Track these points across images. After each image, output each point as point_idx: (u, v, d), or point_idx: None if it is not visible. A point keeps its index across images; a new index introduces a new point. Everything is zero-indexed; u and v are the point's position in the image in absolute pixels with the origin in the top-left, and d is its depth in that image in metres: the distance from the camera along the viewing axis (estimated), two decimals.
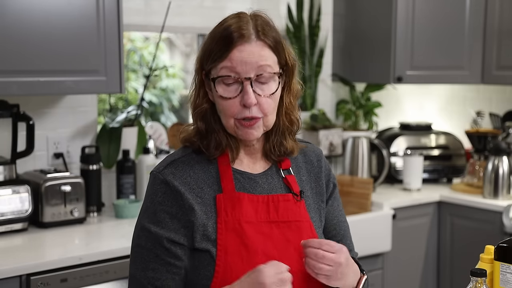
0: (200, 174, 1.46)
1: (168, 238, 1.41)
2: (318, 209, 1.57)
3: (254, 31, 1.41)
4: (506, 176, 3.33)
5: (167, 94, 5.65)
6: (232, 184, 1.45)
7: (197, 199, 1.43)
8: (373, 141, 3.62)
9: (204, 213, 1.43)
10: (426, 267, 3.50)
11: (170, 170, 1.45)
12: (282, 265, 1.35)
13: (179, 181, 1.43)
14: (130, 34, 5.25)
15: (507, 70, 3.50)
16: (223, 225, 1.42)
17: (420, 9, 3.56)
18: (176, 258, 1.42)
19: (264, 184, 1.50)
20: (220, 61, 1.40)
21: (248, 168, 1.50)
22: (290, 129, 1.52)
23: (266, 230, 1.44)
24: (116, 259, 2.41)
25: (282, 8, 3.67)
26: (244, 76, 1.39)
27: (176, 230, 1.41)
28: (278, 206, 1.47)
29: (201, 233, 1.42)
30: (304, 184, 1.55)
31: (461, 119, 4.04)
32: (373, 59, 3.69)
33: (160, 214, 1.42)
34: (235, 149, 1.48)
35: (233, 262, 1.40)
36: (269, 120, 1.45)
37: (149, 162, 3.03)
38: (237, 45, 1.39)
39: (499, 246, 1.52)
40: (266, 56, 1.41)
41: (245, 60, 1.39)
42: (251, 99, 1.39)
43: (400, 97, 4.19)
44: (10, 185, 2.56)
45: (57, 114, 2.93)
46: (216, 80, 1.41)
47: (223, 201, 1.44)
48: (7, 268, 2.20)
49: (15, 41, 2.46)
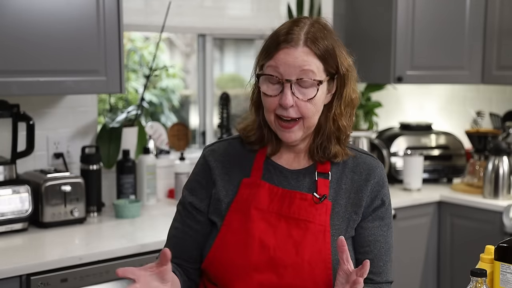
0: (237, 157, 1.59)
1: (192, 203, 1.59)
2: (348, 219, 1.55)
3: (304, 37, 1.47)
4: (506, 176, 3.33)
5: (167, 94, 5.64)
6: (261, 173, 1.56)
7: (224, 176, 1.57)
8: (373, 141, 3.62)
9: (226, 190, 1.56)
10: (426, 267, 3.49)
11: (213, 148, 1.63)
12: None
13: (215, 158, 1.59)
14: (130, 34, 5.24)
15: (507, 70, 3.50)
16: (236, 204, 1.54)
17: (420, 9, 3.56)
18: (195, 222, 1.58)
19: (293, 181, 1.56)
20: (267, 60, 1.49)
21: (286, 163, 1.58)
22: (337, 135, 1.56)
23: (273, 221, 1.51)
24: (116, 259, 2.41)
25: (282, 8, 3.67)
26: (285, 77, 1.46)
27: (201, 199, 1.59)
28: (293, 203, 1.53)
29: (214, 206, 1.56)
30: (342, 191, 1.56)
31: (461, 119, 4.04)
32: (373, 59, 3.69)
33: (193, 183, 1.62)
34: (276, 143, 1.57)
35: (230, 240, 1.51)
36: (309, 122, 1.51)
37: (149, 162, 3.03)
38: (284, 48, 1.47)
39: (499, 246, 1.52)
40: (310, 62, 1.47)
41: (289, 63, 1.46)
42: (288, 101, 1.46)
43: (400, 97, 4.18)
44: (10, 185, 2.56)
45: (57, 114, 2.93)
46: (262, 77, 1.50)
47: (246, 185, 1.55)
48: (7, 268, 2.20)
49: (15, 41, 2.46)
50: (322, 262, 1.49)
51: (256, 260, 1.48)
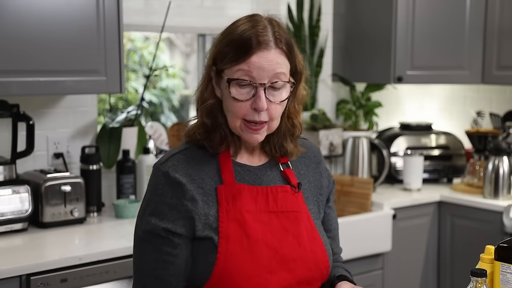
0: (201, 166, 1.50)
1: (165, 228, 1.44)
2: (317, 202, 1.61)
3: (273, 38, 1.45)
4: (507, 176, 3.33)
5: (167, 94, 5.65)
6: (233, 176, 1.50)
7: (198, 189, 1.47)
8: (373, 141, 3.62)
9: (205, 203, 1.46)
10: (426, 267, 3.49)
11: (172, 162, 1.49)
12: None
13: (180, 173, 1.47)
14: (130, 34, 5.25)
15: (507, 70, 3.50)
16: (225, 214, 1.46)
17: (420, 9, 3.56)
18: (173, 247, 1.45)
19: (263, 176, 1.54)
20: (236, 64, 1.43)
21: (248, 161, 1.55)
22: (292, 132, 1.57)
23: (265, 219, 1.49)
24: (116, 259, 2.41)
25: (282, 8, 3.67)
26: (259, 81, 1.43)
27: (174, 221, 1.45)
28: (277, 197, 1.52)
29: (202, 222, 1.45)
30: (302, 177, 1.60)
31: (461, 119, 4.04)
32: (373, 59, 3.69)
33: (160, 206, 1.46)
34: (238, 144, 1.53)
35: (234, 249, 1.43)
36: (273, 125, 1.50)
37: (149, 162, 3.03)
38: (257, 51, 1.43)
39: (499, 246, 1.52)
40: (282, 63, 1.45)
41: (263, 67, 1.43)
42: (263, 104, 1.43)
43: (400, 97, 4.18)
44: (10, 185, 2.56)
45: (57, 114, 2.93)
46: (231, 82, 1.44)
47: (224, 192, 1.48)
48: (7, 268, 2.20)
49: (15, 41, 2.46)
50: (319, 247, 1.53)
51: (267, 263, 1.45)
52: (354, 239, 3.08)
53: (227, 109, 1.48)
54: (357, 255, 3.11)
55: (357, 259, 3.13)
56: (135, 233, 1.52)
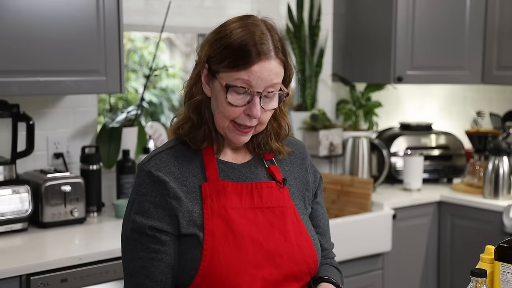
0: (184, 164, 1.51)
1: (152, 226, 1.46)
2: (303, 197, 1.62)
3: (273, 48, 1.45)
4: (507, 176, 3.33)
5: (167, 94, 5.65)
6: (217, 174, 1.51)
7: (182, 187, 1.48)
8: (373, 141, 3.62)
9: (189, 200, 1.48)
10: (426, 267, 3.49)
11: (154, 162, 1.50)
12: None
13: (163, 171, 1.48)
14: (130, 34, 5.25)
15: (507, 70, 3.50)
16: (209, 210, 1.47)
17: (420, 9, 3.56)
18: (160, 244, 1.46)
19: (248, 173, 1.55)
20: (236, 71, 1.43)
21: (232, 159, 1.57)
22: (278, 132, 1.59)
23: (251, 216, 1.50)
24: (116, 259, 2.41)
25: (282, 8, 3.67)
26: (256, 90, 1.44)
27: (160, 219, 1.46)
28: (262, 193, 1.53)
29: (187, 219, 1.46)
30: (287, 173, 1.61)
31: (461, 119, 4.04)
32: (373, 59, 3.69)
33: (145, 204, 1.47)
34: (221, 142, 1.54)
35: (220, 245, 1.45)
36: (261, 128, 1.52)
37: None
38: (258, 62, 1.43)
39: (499, 246, 1.52)
40: (279, 73, 1.47)
41: (263, 77, 1.43)
42: (257, 112, 1.45)
43: (400, 97, 4.18)
44: (10, 185, 2.56)
45: (57, 114, 2.93)
46: (229, 88, 1.44)
47: (208, 189, 1.49)
48: (7, 268, 2.20)
49: (15, 41, 2.46)
50: (306, 242, 1.54)
51: (254, 258, 1.47)
52: (354, 239, 3.08)
53: (216, 108, 1.49)
54: (357, 255, 3.12)
55: (357, 259, 3.13)
56: (122, 234, 1.53)
